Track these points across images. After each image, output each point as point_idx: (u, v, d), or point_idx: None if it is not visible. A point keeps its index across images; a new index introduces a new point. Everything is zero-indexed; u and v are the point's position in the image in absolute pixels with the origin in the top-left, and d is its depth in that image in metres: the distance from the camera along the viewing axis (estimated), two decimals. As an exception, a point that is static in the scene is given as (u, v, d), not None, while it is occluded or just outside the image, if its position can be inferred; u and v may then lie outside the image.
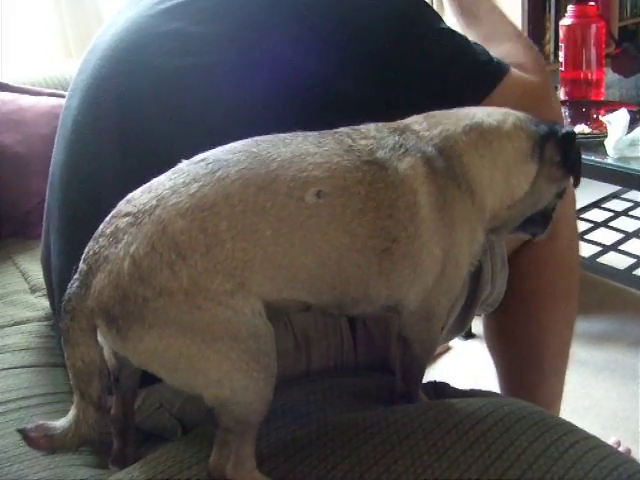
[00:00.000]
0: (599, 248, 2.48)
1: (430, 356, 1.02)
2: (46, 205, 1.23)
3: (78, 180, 1.11)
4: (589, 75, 2.35)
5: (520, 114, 0.99)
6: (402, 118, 0.95)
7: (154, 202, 0.79)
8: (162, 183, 0.82)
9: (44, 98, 1.97)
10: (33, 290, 1.59)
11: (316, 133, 0.88)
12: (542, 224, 1.09)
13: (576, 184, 1.05)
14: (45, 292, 1.42)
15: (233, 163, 0.82)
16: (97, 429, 0.82)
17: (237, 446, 0.81)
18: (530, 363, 1.44)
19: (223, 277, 0.77)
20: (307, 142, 0.86)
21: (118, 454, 0.98)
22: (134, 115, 1.06)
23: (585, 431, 0.90)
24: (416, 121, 0.95)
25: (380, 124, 0.93)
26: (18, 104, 1.92)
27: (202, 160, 0.83)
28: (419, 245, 0.87)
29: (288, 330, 1.07)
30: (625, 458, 0.86)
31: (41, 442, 0.82)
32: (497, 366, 1.52)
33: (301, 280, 0.83)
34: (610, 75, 2.47)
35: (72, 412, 0.82)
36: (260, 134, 0.87)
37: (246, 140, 0.86)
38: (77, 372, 0.80)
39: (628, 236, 2.57)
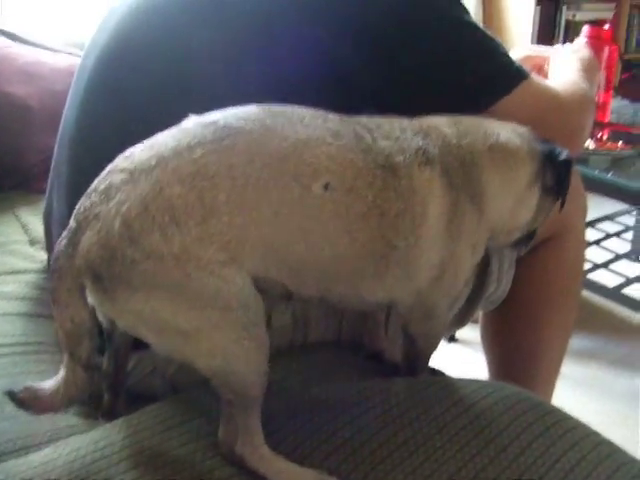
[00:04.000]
0: (590, 265, 2.50)
1: (434, 349, 1.01)
2: (53, 161, 1.22)
3: (88, 138, 1.10)
4: (597, 97, 2.37)
5: (528, 133, 0.98)
6: (415, 110, 0.93)
7: (153, 162, 0.76)
8: (165, 142, 0.79)
9: (61, 55, 1.96)
10: (32, 242, 1.59)
11: (337, 118, 0.86)
12: (525, 242, 1.12)
13: (561, 208, 1.04)
14: (44, 245, 1.42)
15: (244, 133, 0.79)
16: (86, 390, 0.81)
17: (242, 421, 0.80)
18: (523, 367, 1.45)
19: (216, 248, 0.75)
20: (326, 129, 0.83)
21: (108, 408, 0.97)
22: (151, 77, 1.04)
23: (579, 421, 0.91)
24: (445, 124, 0.93)
25: (405, 122, 0.91)
26: (35, 58, 1.91)
27: (212, 123, 0.80)
28: (417, 253, 0.86)
29: (288, 308, 1.07)
30: (619, 447, 0.87)
31: (30, 404, 0.81)
32: (490, 367, 1.53)
33: (290, 266, 0.82)
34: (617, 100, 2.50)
35: (61, 373, 0.81)
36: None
37: (263, 107, 0.83)
38: (66, 333, 0.79)
39: (618, 257, 2.60)
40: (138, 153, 0.79)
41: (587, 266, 2.48)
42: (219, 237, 0.75)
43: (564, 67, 1.25)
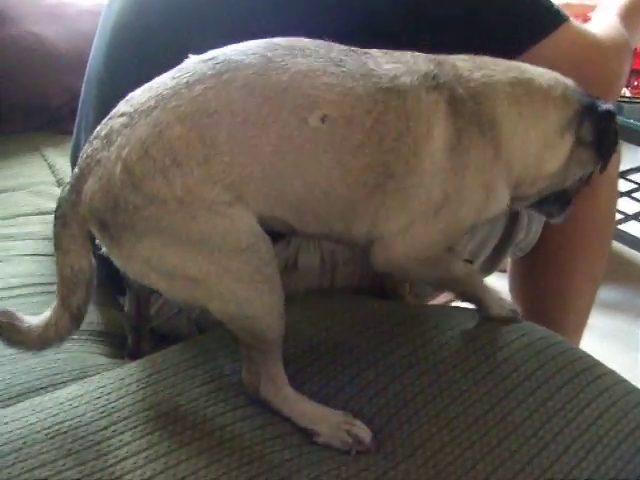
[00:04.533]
0: (621, 216, 2.46)
1: (469, 277, 0.95)
2: (80, 102, 1.21)
3: (115, 78, 1.09)
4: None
5: (570, 82, 0.93)
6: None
7: (152, 102, 0.75)
8: (164, 82, 0.77)
9: (87, -5, 1.94)
10: (60, 183, 1.59)
11: (344, 48, 0.83)
12: (559, 207, 1.02)
13: (602, 170, 0.97)
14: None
15: (243, 66, 0.76)
16: (64, 338, 0.80)
17: (263, 363, 0.79)
18: (552, 314, 1.43)
19: (221, 188, 0.74)
20: (328, 58, 0.80)
21: (133, 349, 0.99)
22: (179, 14, 1.02)
23: (610, 368, 0.90)
24: (461, 58, 0.90)
25: (418, 53, 0.87)
26: (61, -1, 1.89)
27: (211, 59, 0.77)
28: (417, 180, 0.82)
29: (316, 249, 1.06)
30: None
31: (5, 329, 0.79)
32: (519, 314, 1.52)
33: (289, 203, 0.80)
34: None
35: (47, 314, 0.80)
36: None
37: (263, 40, 0.81)
38: (64, 279, 0.78)
39: (650, 209, 2.55)
40: (138, 95, 0.77)
41: (618, 217, 2.45)
42: (222, 176, 0.74)
43: (604, 12, 1.21)
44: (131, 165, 0.72)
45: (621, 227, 2.40)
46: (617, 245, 2.42)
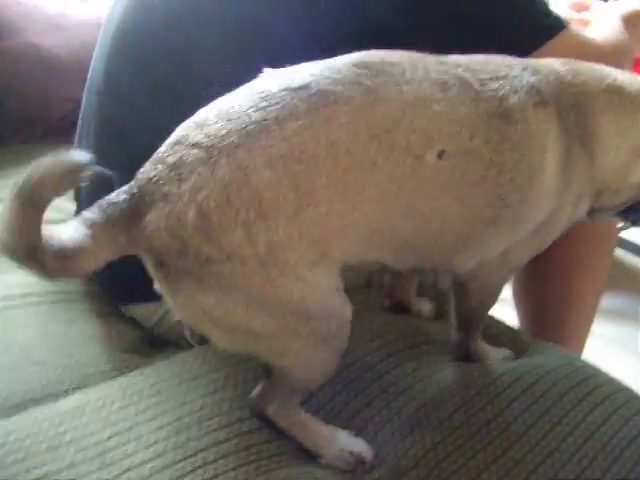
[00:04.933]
0: (623, 223, 2.45)
1: (489, 308, 0.93)
2: (81, 111, 1.21)
3: (115, 88, 1.08)
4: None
5: None
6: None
7: (235, 138, 0.64)
8: (246, 112, 0.66)
9: (89, 6, 1.94)
10: (60, 194, 1.58)
11: (435, 62, 0.76)
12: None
13: None
14: (72, 196, 1.41)
15: (343, 100, 0.67)
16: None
17: (284, 397, 0.77)
18: (555, 321, 1.43)
19: (307, 246, 0.66)
20: (431, 81, 0.72)
21: None
22: (179, 26, 1.01)
23: (610, 377, 0.90)
24: (558, 62, 0.86)
25: (509, 59, 0.82)
26: (63, 9, 1.88)
27: (302, 88, 0.66)
28: (529, 207, 0.78)
29: None
30: None
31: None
32: (521, 322, 1.51)
33: (392, 245, 0.73)
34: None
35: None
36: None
37: (355, 61, 0.71)
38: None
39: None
40: (212, 122, 0.66)
41: (621, 224, 2.44)
42: (312, 230, 0.66)
43: (608, 14, 1.21)
44: (208, 212, 0.63)
45: (623, 234, 2.40)
46: (619, 252, 2.42)
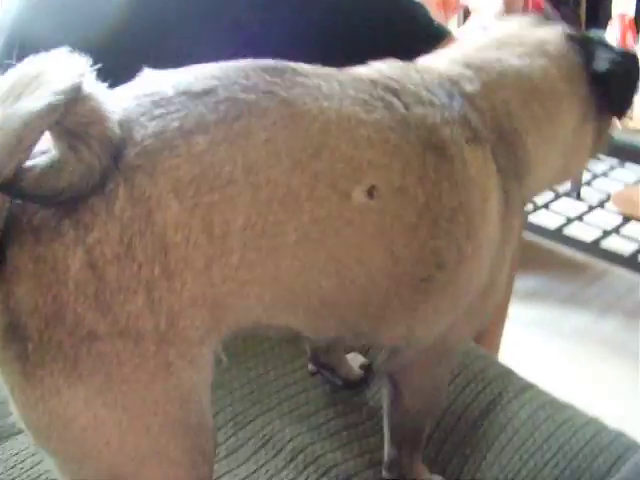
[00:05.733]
0: (531, 206, 2.49)
1: (432, 413, 0.78)
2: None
3: None
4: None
5: (559, 44, 0.76)
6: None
7: (130, 157, 0.48)
8: (137, 120, 0.49)
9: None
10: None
11: (350, 79, 0.62)
12: None
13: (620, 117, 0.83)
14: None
15: (258, 112, 0.53)
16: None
17: None
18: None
19: (205, 312, 0.51)
20: (351, 99, 0.59)
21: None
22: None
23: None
24: (465, 76, 0.70)
25: (423, 73, 0.68)
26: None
27: (207, 93, 0.52)
28: (469, 269, 0.65)
29: None
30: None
31: None
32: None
33: (306, 307, 0.60)
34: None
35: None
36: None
37: (261, 66, 0.57)
38: None
39: (558, 196, 2.59)
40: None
41: (529, 208, 2.48)
42: (217, 290, 0.51)
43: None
44: (102, 265, 0.46)
45: (532, 217, 2.44)
46: (533, 235, 2.46)
